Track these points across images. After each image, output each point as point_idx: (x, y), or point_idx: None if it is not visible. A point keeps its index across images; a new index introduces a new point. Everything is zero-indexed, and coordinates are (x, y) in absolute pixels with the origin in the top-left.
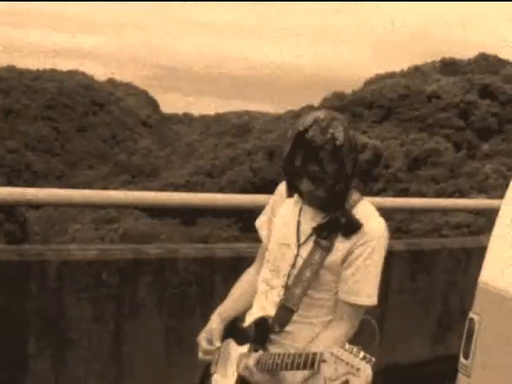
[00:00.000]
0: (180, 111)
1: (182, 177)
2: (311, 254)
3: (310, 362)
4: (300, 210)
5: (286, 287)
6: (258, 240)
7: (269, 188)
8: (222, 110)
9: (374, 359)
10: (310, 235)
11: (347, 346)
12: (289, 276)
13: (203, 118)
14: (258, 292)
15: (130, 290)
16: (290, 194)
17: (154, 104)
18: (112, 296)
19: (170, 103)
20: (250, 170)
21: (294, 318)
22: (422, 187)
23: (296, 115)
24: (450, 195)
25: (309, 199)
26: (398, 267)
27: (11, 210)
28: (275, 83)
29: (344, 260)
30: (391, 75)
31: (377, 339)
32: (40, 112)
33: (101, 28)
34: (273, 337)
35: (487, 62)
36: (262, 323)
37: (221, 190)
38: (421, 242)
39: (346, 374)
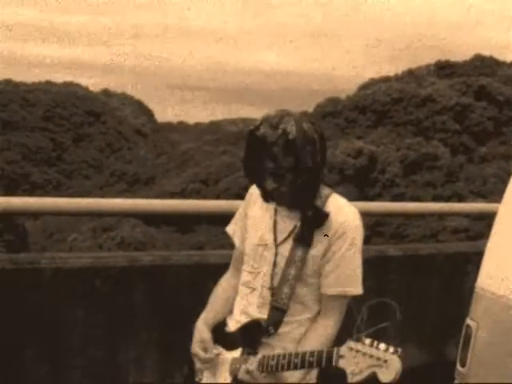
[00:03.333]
0: (175, 120)
1: (177, 185)
2: (292, 251)
3: (325, 360)
4: (275, 210)
5: (272, 287)
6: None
7: None
8: (216, 118)
9: (400, 350)
10: (289, 233)
11: (366, 339)
12: (272, 276)
13: (198, 125)
14: (239, 296)
15: (124, 298)
16: (265, 199)
17: (148, 113)
18: (106, 303)
19: (165, 112)
20: (245, 177)
21: (284, 318)
22: (419, 192)
23: None
24: (448, 200)
25: (276, 198)
26: (395, 272)
27: (10, 220)
28: (269, 89)
29: (324, 254)
30: (385, 79)
31: (398, 317)
32: (37, 123)
33: (94, 39)
34: (263, 340)
35: (483, 64)
36: (254, 326)
37: (217, 198)
38: (417, 246)
39: (370, 366)
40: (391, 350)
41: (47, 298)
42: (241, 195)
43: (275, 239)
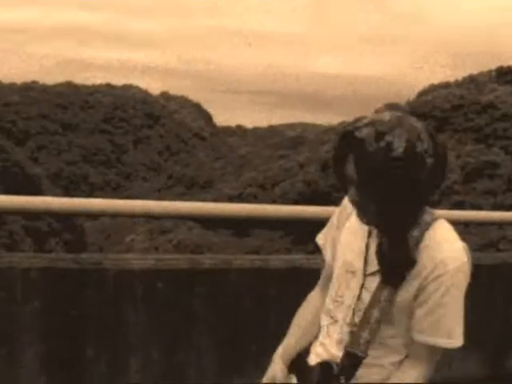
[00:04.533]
0: (233, 124)
1: (235, 188)
2: (379, 288)
3: None
4: (370, 231)
5: (351, 325)
6: (310, 252)
7: (321, 200)
8: (275, 122)
9: None
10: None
11: None
12: (354, 311)
13: (256, 130)
14: (321, 324)
15: (185, 300)
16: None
17: (207, 117)
18: (167, 305)
19: (224, 115)
20: (302, 182)
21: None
22: (479, 200)
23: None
24: (508, 209)
25: (357, 212)
26: None
27: (70, 221)
28: (329, 94)
29: (416, 296)
30: (445, 85)
31: None
32: (96, 126)
33: (154, 43)
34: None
35: None
36: (326, 367)
37: (273, 202)
38: (478, 256)
39: None
40: None
41: (109, 298)
42: (298, 200)
43: (365, 268)
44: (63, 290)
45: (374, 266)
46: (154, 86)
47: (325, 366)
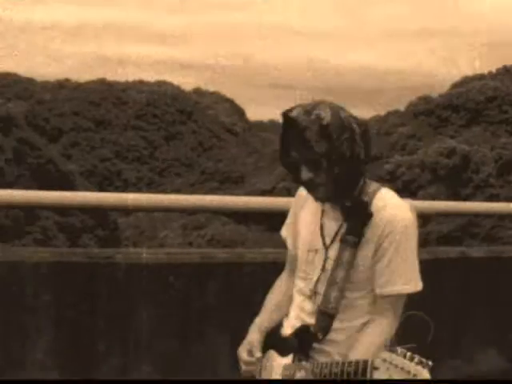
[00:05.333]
0: (266, 118)
1: (268, 183)
2: (340, 253)
3: (360, 371)
4: (322, 212)
5: (318, 293)
6: None
7: None
8: None
9: (430, 363)
10: (335, 234)
11: (399, 349)
12: (318, 280)
13: None
14: (294, 303)
15: (197, 294)
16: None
17: (240, 112)
18: (179, 300)
19: (256, 110)
20: (282, 166)
21: (334, 324)
22: None
23: (382, 120)
24: None
25: (313, 191)
26: (477, 274)
27: (103, 217)
28: (362, 88)
29: (374, 254)
30: (480, 77)
31: (431, 334)
32: (129, 122)
33: (186, 38)
34: (316, 345)
35: None
36: (303, 332)
37: None
38: (502, 249)
39: (401, 380)
40: (422, 362)
41: (121, 292)
42: None
43: (324, 243)
44: (75, 283)
45: (330, 239)
46: (187, 82)
47: (301, 329)
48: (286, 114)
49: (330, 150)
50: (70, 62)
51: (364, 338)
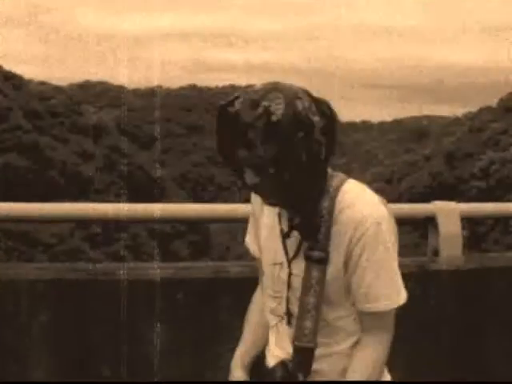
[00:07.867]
0: (358, 119)
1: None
2: (307, 271)
3: None
4: (279, 215)
5: (290, 315)
6: None
7: (447, 193)
8: (400, 116)
9: None
10: (298, 246)
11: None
12: (288, 300)
13: (381, 124)
14: (270, 326)
15: (208, 312)
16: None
17: None
18: (188, 318)
19: (348, 111)
20: (428, 175)
21: (318, 351)
22: None
23: (474, 117)
24: None
25: (261, 197)
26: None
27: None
28: (452, 85)
29: (346, 263)
30: None
31: None
32: None
33: (277, 42)
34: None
35: None
36: (283, 367)
37: (399, 197)
38: None
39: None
40: None
41: (124, 312)
42: (424, 194)
43: (287, 255)
44: (76, 302)
45: (292, 250)
46: None
47: (282, 366)
48: (224, 108)
49: (280, 154)
50: (160, 69)
51: (356, 362)
